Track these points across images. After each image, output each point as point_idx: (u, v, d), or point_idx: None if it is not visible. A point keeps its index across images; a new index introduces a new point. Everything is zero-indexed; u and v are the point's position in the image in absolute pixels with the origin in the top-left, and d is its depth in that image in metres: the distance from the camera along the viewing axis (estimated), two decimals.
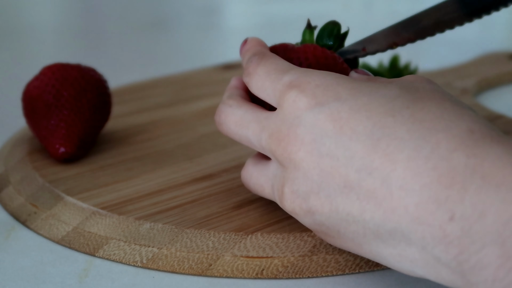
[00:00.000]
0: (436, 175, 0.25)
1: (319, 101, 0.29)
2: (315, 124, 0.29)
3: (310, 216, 0.30)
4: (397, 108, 0.28)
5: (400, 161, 0.26)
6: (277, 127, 0.31)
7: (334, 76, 0.30)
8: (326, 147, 0.28)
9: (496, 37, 0.90)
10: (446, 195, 0.25)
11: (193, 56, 0.78)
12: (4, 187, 0.41)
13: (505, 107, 0.55)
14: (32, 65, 0.52)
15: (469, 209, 0.24)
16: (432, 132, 0.27)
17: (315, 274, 0.33)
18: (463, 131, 0.26)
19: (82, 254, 0.35)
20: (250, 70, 0.34)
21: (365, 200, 0.27)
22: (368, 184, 0.27)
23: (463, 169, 0.25)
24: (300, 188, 0.30)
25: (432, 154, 0.26)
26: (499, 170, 0.25)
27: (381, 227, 0.27)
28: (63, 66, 0.43)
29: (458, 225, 0.25)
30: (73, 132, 0.42)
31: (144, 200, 0.37)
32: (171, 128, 0.49)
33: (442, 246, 0.25)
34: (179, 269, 0.33)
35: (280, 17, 1.00)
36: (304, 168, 0.29)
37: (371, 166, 0.27)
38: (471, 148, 0.26)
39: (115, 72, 0.58)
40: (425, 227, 0.25)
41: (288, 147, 0.30)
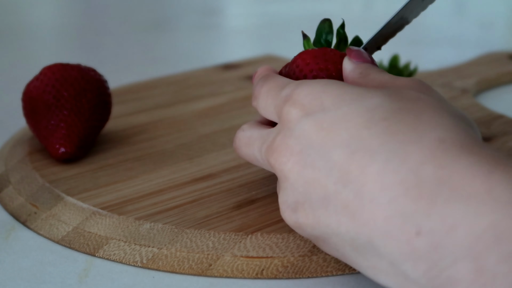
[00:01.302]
0: (403, 188, 0.25)
1: (307, 111, 0.30)
2: (302, 134, 0.29)
3: (298, 227, 0.30)
4: (375, 119, 0.28)
5: (371, 174, 0.26)
6: (273, 139, 0.31)
7: (322, 84, 0.30)
8: (311, 158, 0.29)
9: (496, 37, 0.90)
10: (413, 209, 0.25)
11: (193, 56, 0.78)
12: (4, 187, 0.41)
13: (505, 107, 0.55)
14: (32, 65, 0.52)
15: (437, 223, 0.24)
16: (403, 144, 0.26)
17: (315, 274, 0.33)
18: (433, 141, 0.26)
19: (82, 254, 0.35)
20: (255, 93, 0.35)
21: (341, 213, 0.27)
22: (343, 197, 0.27)
23: (431, 182, 0.25)
24: (289, 199, 0.30)
25: (400, 167, 0.26)
26: (469, 181, 0.24)
27: (355, 240, 0.27)
28: (63, 66, 0.43)
29: (426, 239, 0.24)
30: (73, 132, 0.42)
31: (144, 200, 0.37)
32: (171, 128, 0.49)
33: (410, 262, 0.25)
34: (179, 269, 0.33)
35: (280, 17, 1.00)
36: (291, 178, 0.29)
37: (346, 178, 0.27)
38: (439, 159, 0.25)
39: (115, 72, 0.58)
40: (393, 241, 0.25)
41: (279, 158, 0.30)
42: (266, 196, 0.38)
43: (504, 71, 0.64)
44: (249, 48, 0.83)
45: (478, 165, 0.24)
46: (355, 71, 0.33)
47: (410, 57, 0.57)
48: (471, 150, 0.25)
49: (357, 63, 0.34)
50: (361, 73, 0.33)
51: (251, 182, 0.39)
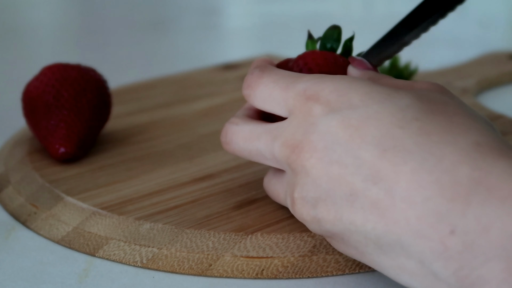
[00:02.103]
0: (438, 188, 0.25)
1: (332, 107, 0.29)
2: (328, 130, 0.29)
3: (316, 222, 0.29)
4: (407, 119, 0.27)
5: (404, 173, 0.26)
6: (291, 134, 0.30)
7: (347, 81, 0.30)
8: (337, 154, 0.28)
9: (496, 37, 0.90)
10: (448, 208, 0.25)
11: (193, 56, 0.78)
12: (4, 187, 0.41)
13: (505, 107, 0.55)
14: (32, 65, 0.52)
15: (472, 222, 0.24)
16: (439, 145, 0.26)
17: (315, 274, 0.33)
18: (469, 144, 0.26)
19: (82, 254, 0.35)
20: (251, 82, 0.33)
21: (368, 210, 0.27)
22: (372, 194, 0.27)
23: (467, 182, 0.25)
24: (308, 194, 0.29)
25: (436, 167, 0.26)
26: (505, 183, 0.24)
27: (382, 238, 0.27)
28: (63, 66, 0.43)
29: (460, 239, 0.24)
30: (73, 132, 0.42)
31: (144, 200, 0.37)
32: (171, 128, 0.49)
33: (441, 261, 0.25)
34: (179, 269, 0.33)
35: (280, 17, 1.00)
36: (314, 174, 0.29)
37: (377, 176, 0.27)
38: (476, 161, 0.25)
39: (115, 72, 0.58)
40: (425, 240, 0.25)
41: (301, 153, 0.29)
42: (266, 196, 0.37)
43: (504, 71, 0.64)
44: (249, 48, 0.82)
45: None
46: (363, 77, 0.33)
47: (410, 57, 0.57)
48: (506, 154, 0.26)
49: (362, 70, 0.33)
50: (370, 79, 0.32)
51: (251, 182, 0.39)
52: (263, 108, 0.33)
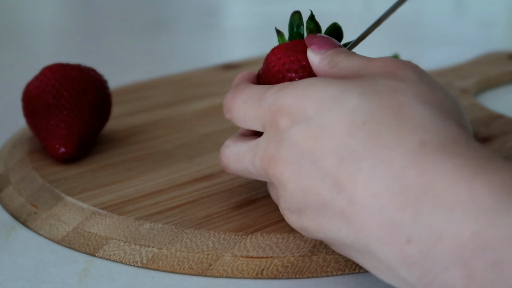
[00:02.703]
0: (389, 196, 0.25)
1: (293, 120, 0.30)
2: (293, 144, 0.29)
3: (304, 230, 0.30)
4: (356, 124, 0.28)
5: (359, 182, 0.26)
6: (265, 149, 0.31)
7: (302, 88, 0.30)
8: (304, 167, 0.29)
9: (496, 37, 0.90)
10: (401, 217, 0.25)
11: (193, 56, 0.78)
12: (4, 187, 0.41)
13: (505, 107, 0.55)
14: (32, 65, 0.52)
15: (424, 231, 0.24)
16: (386, 149, 0.26)
17: (315, 274, 0.33)
18: (415, 145, 0.26)
19: (82, 254, 0.35)
20: (228, 106, 0.34)
21: (339, 219, 0.27)
22: (338, 204, 0.27)
23: (415, 189, 0.25)
24: (291, 205, 0.30)
25: (385, 174, 0.26)
26: (451, 188, 0.24)
27: (355, 244, 0.27)
28: (63, 66, 0.43)
29: (416, 247, 0.24)
30: (73, 132, 0.42)
31: (144, 200, 0.37)
32: (171, 128, 0.49)
33: (406, 268, 0.25)
34: (179, 269, 0.33)
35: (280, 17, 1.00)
36: (290, 187, 0.29)
37: (339, 186, 0.27)
38: (421, 165, 0.25)
39: (115, 72, 0.58)
40: (388, 248, 0.25)
41: (276, 168, 0.30)
42: (266, 196, 0.37)
43: (504, 71, 0.64)
44: (249, 48, 0.82)
45: (460, 170, 0.24)
46: (322, 62, 0.33)
47: (410, 57, 0.57)
48: (453, 152, 0.25)
49: (321, 53, 0.33)
50: (329, 63, 0.33)
51: (251, 182, 0.39)
52: (245, 127, 0.34)
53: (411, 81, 0.29)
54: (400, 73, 0.30)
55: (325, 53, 0.33)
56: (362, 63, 0.31)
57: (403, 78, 0.30)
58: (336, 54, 0.33)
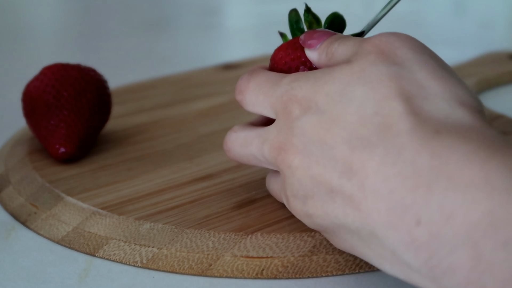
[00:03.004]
0: (401, 179, 0.26)
1: (305, 110, 0.30)
2: (304, 133, 0.30)
3: (309, 217, 0.30)
4: (367, 116, 0.28)
5: (371, 167, 0.27)
6: (275, 137, 0.31)
7: (312, 82, 0.31)
8: (315, 155, 0.29)
9: (496, 37, 0.90)
10: (412, 199, 0.25)
11: (193, 56, 0.78)
12: (4, 187, 0.41)
13: (505, 107, 0.55)
14: (32, 65, 0.52)
15: (436, 212, 0.24)
16: (398, 137, 0.27)
17: (315, 274, 0.33)
18: (429, 132, 0.26)
19: (82, 254, 0.35)
20: (241, 88, 0.35)
21: (347, 205, 0.28)
22: (348, 190, 0.28)
23: (428, 171, 0.25)
24: (298, 193, 0.30)
25: (398, 159, 0.26)
26: (466, 169, 0.24)
27: (361, 230, 0.27)
28: (63, 66, 0.43)
29: (426, 229, 0.24)
30: (73, 132, 0.42)
31: (144, 200, 0.37)
32: (171, 128, 0.49)
33: (411, 252, 0.25)
34: (179, 269, 0.33)
35: (280, 17, 1.00)
36: (299, 175, 0.30)
37: (350, 172, 0.28)
38: (435, 149, 0.25)
39: (115, 72, 0.58)
40: (395, 232, 0.25)
41: (286, 155, 0.31)
42: (266, 196, 0.38)
43: (504, 71, 0.64)
44: (249, 48, 0.82)
45: (475, 153, 0.25)
46: (321, 57, 0.33)
47: None
48: (468, 137, 0.26)
49: (317, 48, 0.34)
50: (326, 55, 0.33)
51: (251, 182, 0.39)
52: (254, 111, 0.34)
53: (413, 64, 0.29)
54: (399, 54, 0.30)
55: (320, 47, 0.33)
56: (356, 45, 0.31)
57: (403, 60, 0.29)
58: (330, 44, 0.33)
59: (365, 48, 0.30)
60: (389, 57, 0.30)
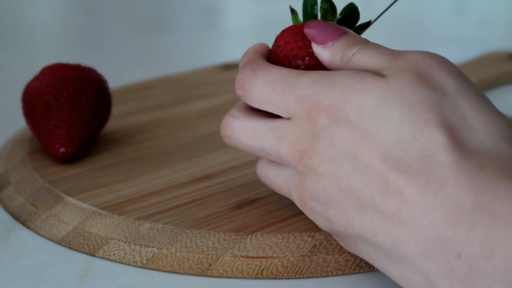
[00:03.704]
0: (442, 212, 0.25)
1: (333, 120, 0.29)
2: (333, 144, 0.28)
3: (328, 224, 0.30)
4: (404, 139, 0.27)
5: (410, 195, 0.26)
6: (297, 140, 0.30)
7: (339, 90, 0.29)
8: (344, 168, 0.28)
9: (496, 37, 0.90)
10: (453, 233, 0.25)
11: (193, 56, 0.78)
12: (4, 187, 0.41)
13: (505, 107, 0.55)
14: (32, 65, 0.52)
15: (477, 247, 0.24)
16: (441, 169, 0.26)
17: (315, 274, 0.33)
18: (473, 167, 0.26)
19: (82, 254, 0.35)
20: (244, 83, 0.32)
21: (378, 224, 0.27)
22: (381, 210, 0.27)
23: (471, 207, 0.25)
24: (320, 198, 0.29)
25: (439, 191, 0.25)
26: (509, 207, 0.24)
27: (391, 251, 0.27)
28: (63, 66, 0.43)
29: (465, 262, 0.24)
30: (73, 132, 0.42)
31: (144, 200, 0.37)
32: (171, 128, 0.49)
33: (448, 282, 0.25)
34: (179, 269, 0.33)
35: (280, 17, 1.00)
36: (324, 183, 0.29)
37: (386, 194, 0.27)
38: (479, 186, 0.25)
39: (115, 72, 0.58)
40: (432, 261, 0.25)
41: (310, 161, 0.29)
42: (266, 196, 0.37)
43: (504, 71, 0.64)
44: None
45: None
46: (334, 58, 0.31)
47: None
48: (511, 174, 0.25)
49: (329, 47, 0.31)
50: (342, 59, 0.31)
51: (251, 182, 0.39)
52: (260, 108, 0.32)
53: (454, 92, 0.28)
54: (439, 79, 0.28)
55: (333, 47, 0.31)
56: (384, 60, 0.29)
57: (443, 86, 0.28)
58: (347, 47, 0.31)
59: (400, 65, 0.28)
60: (428, 80, 0.28)
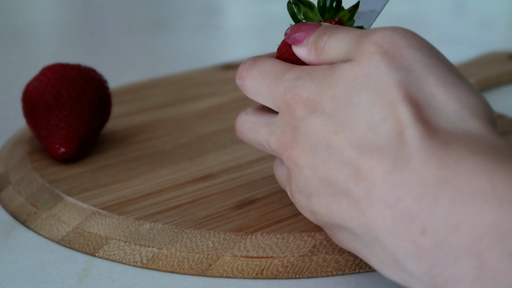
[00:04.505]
0: (407, 188, 0.25)
1: (310, 111, 0.30)
2: (310, 134, 0.29)
3: (313, 214, 0.30)
4: (375, 122, 0.27)
5: (379, 175, 0.26)
6: (282, 133, 0.31)
7: (316, 83, 0.30)
8: (321, 157, 0.29)
9: (496, 37, 0.90)
10: (418, 208, 0.25)
11: (193, 56, 0.78)
12: (4, 187, 0.41)
13: (505, 107, 0.55)
14: (32, 65, 0.52)
15: (442, 222, 0.24)
16: (407, 146, 0.26)
17: (315, 274, 0.33)
18: (438, 143, 0.26)
19: (82, 254, 0.35)
20: (243, 73, 0.33)
21: (352, 208, 0.28)
22: (354, 194, 0.27)
23: (435, 182, 0.25)
24: (303, 190, 0.30)
25: (405, 167, 0.26)
26: (474, 180, 0.24)
27: (364, 235, 0.27)
28: (63, 66, 0.43)
29: (431, 238, 0.24)
30: (73, 132, 0.42)
31: (144, 200, 0.37)
32: (171, 128, 0.49)
33: (414, 260, 0.25)
34: (179, 269, 0.33)
35: (280, 17, 1.00)
36: (305, 174, 0.30)
37: (357, 177, 0.27)
38: (443, 159, 0.25)
39: (115, 72, 0.58)
40: (399, 240, 0.25)
41: (292, 153, 0.30)
42: (266, 196, 0.38)
43: (504, 71, 0.64)
44: (249, 48, 0.82)
45: (484, 164, 0.24)
46: (310, 53, 0.32)
47: None
48: (477, 149, 0.25)
49: (304, 44, 0.32)
50: (316, 51, 0.31)
51: (251, 182, 0.39)
52: (254, 99, 0.33)
53: (422, 69, 0.28)
54: (406, 55, 0.28)
55: (307, 42, 0.32)
56: (352, 44, 0.29)
57: (410, 63, 0.28)
58: (318, 38, 0.31)
59: (366, 47, 0.28)
60: (394, 59, 0.28)
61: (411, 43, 0.28)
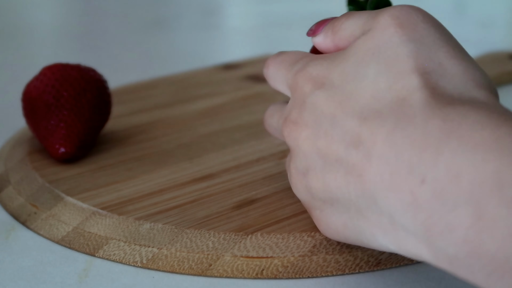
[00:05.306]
0: (410, 142, 0.25)
1: (318, 86, 0.31)
2: (315, 107, 0.30)
3: (308, 191, 0.31)
4: (381, 89, 0.28)
5: (380, 134, 0.27)
6: (289, 112, 0.32)
7: (328, 62, 0.31)
8: (323, 128, 0.30)
9: (496, 37, 0.90)
10: (419, 159, 0.25)
11: (193, 56, 0.78)
12: (4, 187, 0.41)
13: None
14: (32, 65, 0.52)
15: (442, 171, 0.24)
16: (411, 107, 0.27)
17: (315, 274, 0.33)
18: (442, 103, 0.26)
19: (82, 254, 0.35)
20: (268, 61, 0.36)
21: (350, 174, 0.28)
22: (353, 159, 0.28)
23: (438, 133, 0.25)
24: (300, 165, 0.31)
25: (408, 125, 0.26)
26: (477, 131, 0.24)
27: (360, 197, 0.28)
28: (63, 66, 0.43)
29: (430, 187, 0.24)
30: (73, 132, 0.42)
31: (144, 200, 0.37)
32: (171, 128, 0.49)
33: (410, 213, 0.25)
34: (179, 269, 0.33)
35: (280, 17, 1.00)
36: (305, 148, 0.31)
37: (358, 141, 0.28)
38: (448, 115, 0.25)
39: (115, 72, 0.58)
40: (396, 193, 0.25)
41: (295, 129, 0.31)
42: (266, 196, 0.38)
43: (504, 71, 0.64)
44: (249, 48, 0.82)
45: (488, 118, 0.25)
46: (326, 36, 0.33)
47: None
48: (481, 107, 0.26)
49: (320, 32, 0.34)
50: (332, 33, 0.33)
51: (251, 182, 0.39)
52: (273, 86, 0.35)
53: (435, 41, 0.29)
54: (420, 29, 0.29)
55: (323, 30, 0.34)
56: (370, 15, 0.31)
57: (423, 36, 0.29)
58: (335, 22, 0.33)
59: (383, 19, 0.30)
60: (408, 32, 0.29)
61: (426, 19, 0.30)
